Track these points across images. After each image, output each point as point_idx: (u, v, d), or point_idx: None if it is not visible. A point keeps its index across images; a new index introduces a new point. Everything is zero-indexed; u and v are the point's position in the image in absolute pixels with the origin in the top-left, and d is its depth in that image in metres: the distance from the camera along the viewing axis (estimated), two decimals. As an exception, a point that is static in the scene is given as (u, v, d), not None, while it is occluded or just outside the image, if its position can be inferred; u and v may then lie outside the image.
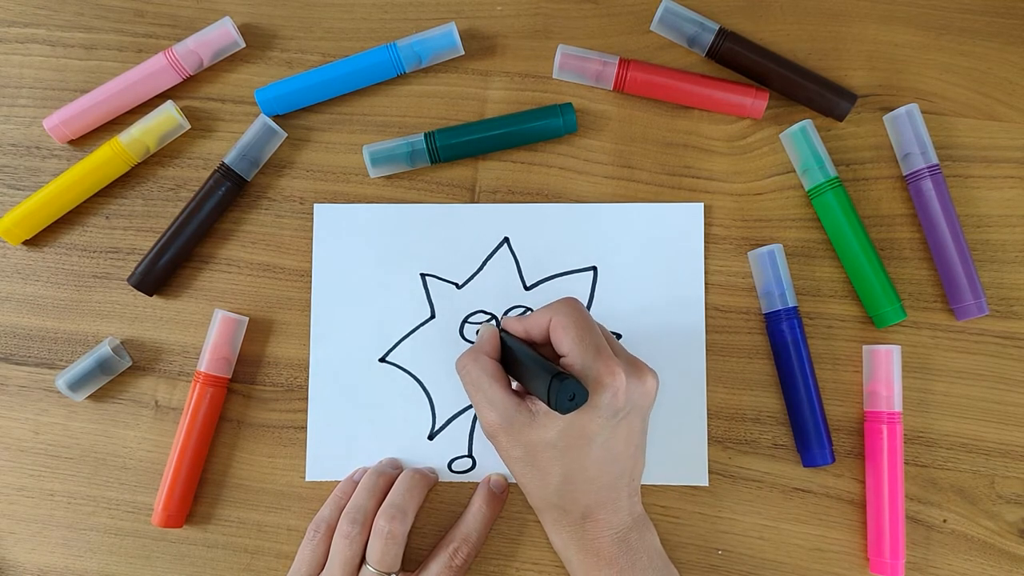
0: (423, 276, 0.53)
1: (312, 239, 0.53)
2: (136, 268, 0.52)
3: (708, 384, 0.52)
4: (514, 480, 0.51)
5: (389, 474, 0.50)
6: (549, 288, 0.53)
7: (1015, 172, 0.53)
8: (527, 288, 0.53)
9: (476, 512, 0.50)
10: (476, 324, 0.53)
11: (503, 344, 0.47)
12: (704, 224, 0.53)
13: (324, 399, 0.52)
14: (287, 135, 0.53)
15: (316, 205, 0.53)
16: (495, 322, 0.53)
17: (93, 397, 0.52)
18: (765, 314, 0.52)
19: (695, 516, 0.51)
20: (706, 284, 0.52)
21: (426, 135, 0.52)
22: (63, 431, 0.52)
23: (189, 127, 0.53)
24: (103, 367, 0.51)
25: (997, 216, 0.52)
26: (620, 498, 0.45)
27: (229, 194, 0.52)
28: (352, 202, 0.53)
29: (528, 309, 0.52)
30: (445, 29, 0.52)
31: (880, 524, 0.49)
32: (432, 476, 0.51)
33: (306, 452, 0.52)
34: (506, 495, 0.51)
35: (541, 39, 0.54)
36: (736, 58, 0.52)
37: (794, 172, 0.53)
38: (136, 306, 0.53)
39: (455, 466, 0.52)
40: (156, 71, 0.53)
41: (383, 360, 0.52)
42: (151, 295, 0.53)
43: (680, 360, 0.52)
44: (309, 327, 0.53)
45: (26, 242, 0.53)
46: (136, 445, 0.52)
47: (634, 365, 0.45)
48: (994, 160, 0.53)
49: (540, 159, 0.54)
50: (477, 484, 0.51)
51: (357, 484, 0.50)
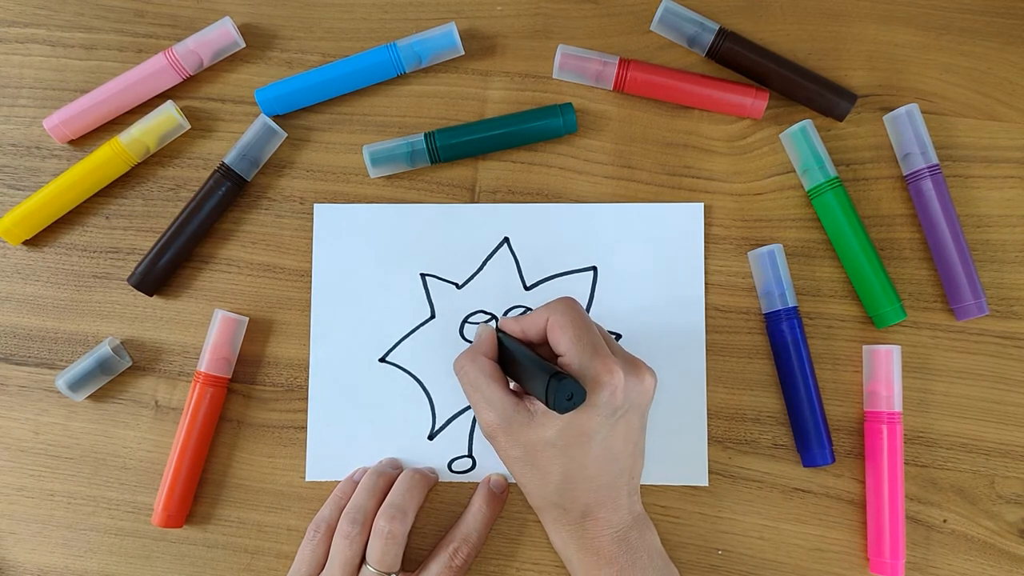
0: (423, 276, 0.53)
1: (312, 239, 0.53)
2: (136, 268, 0.52)
3: (708, 384, 0.52)
4: (514, 480, 0.51)
5: (389, 474, 0.50)
6: (549, 288, 0.53)
7: (1015, 172, 0.53)
8: (527, 288, 0.53)
9: (476, 512, 0.50)
10: (476, 324, 0.53)
11: (500, 344, 0.47)
12: (704, 224, 0.53)
13: (324, 399, 0.52)
14: (287, 135, 0.53)
15: (316, 205, 0.53)
16: (493, 323, 0.53)
17: (93, 397, 0.52)
18: (765, 314, 0.52)
19: (695, 516, 0.51)
20: (706, 284, 0.52)
21: (426, 135, 0.52)
22: (63, 431, 0.52)
23: (189, 127, 0.53)
24: (103, 367, 0.51)
25: (997, 216, 0.52)
26: (620, 497, 0.45)
27: (229, 194, 0.52)
28: (352, 202, 0.53)
29: (528, 309, 0.52)
30: (445, 29, 0.52)
31: (880, 524, 0.49)
32: (432, 476, 0.51)
33: (306, 452, 0.52)
34: (506, 495, 0.51)
35: (541, 39, 0.54)
36: (736, 58, 0.52)
37: (794, 172, 0.53)
38: (136, 306, 0.53)
39: (455, 466, 0.52)
40: (156, 71, 0.53)
41: (383, 360, 0.52)
42: (151, 295, 0.53)
43: (680, 360, 0.52)
44: (309, 327, 0.53)
45: (26, 242, 0.53)
46: (136, 445, 0.52)
47: (632, 364, 0.45)
48: (994, 160, 0.53)
49: (540, 159, 0.54)
50: (477, 484, 0.51)
51: (357, 484, 0.50)
